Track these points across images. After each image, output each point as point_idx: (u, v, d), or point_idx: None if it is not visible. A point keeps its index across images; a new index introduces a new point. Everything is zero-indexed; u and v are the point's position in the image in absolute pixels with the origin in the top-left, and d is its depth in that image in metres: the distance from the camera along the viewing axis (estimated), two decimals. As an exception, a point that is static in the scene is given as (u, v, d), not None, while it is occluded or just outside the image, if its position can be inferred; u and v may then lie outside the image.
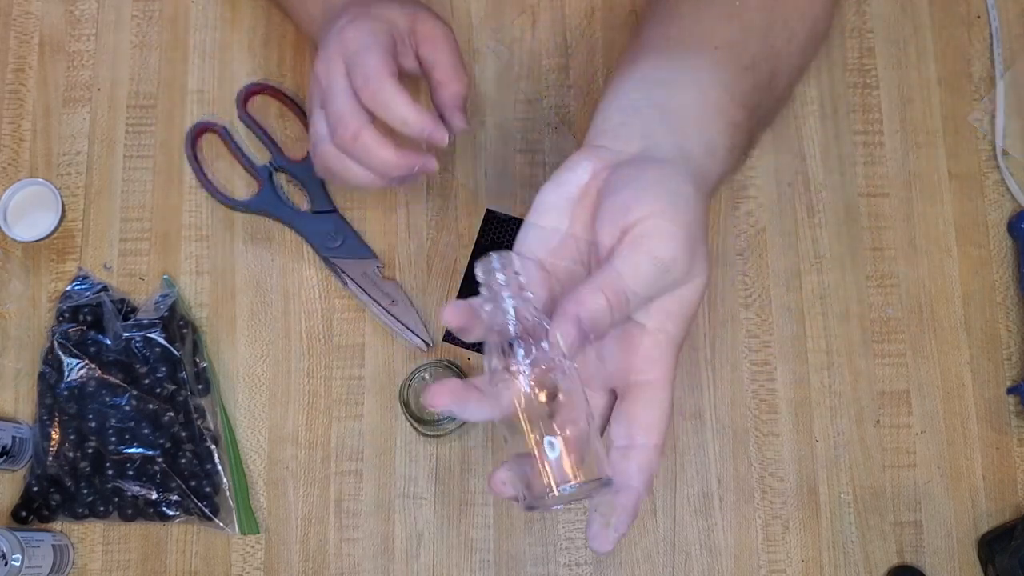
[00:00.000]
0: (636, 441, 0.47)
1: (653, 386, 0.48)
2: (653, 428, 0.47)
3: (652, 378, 0.48)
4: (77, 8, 0.83)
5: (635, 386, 0.48)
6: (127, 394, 0.73)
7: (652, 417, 0.47)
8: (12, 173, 0.80)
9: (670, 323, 0.47)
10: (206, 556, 0.73)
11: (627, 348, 0.48)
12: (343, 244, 0.76)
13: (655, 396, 0.48)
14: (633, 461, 0.47)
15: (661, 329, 0.47)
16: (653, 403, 0.48)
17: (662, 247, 0.45)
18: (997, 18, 0.83)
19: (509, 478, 0.47)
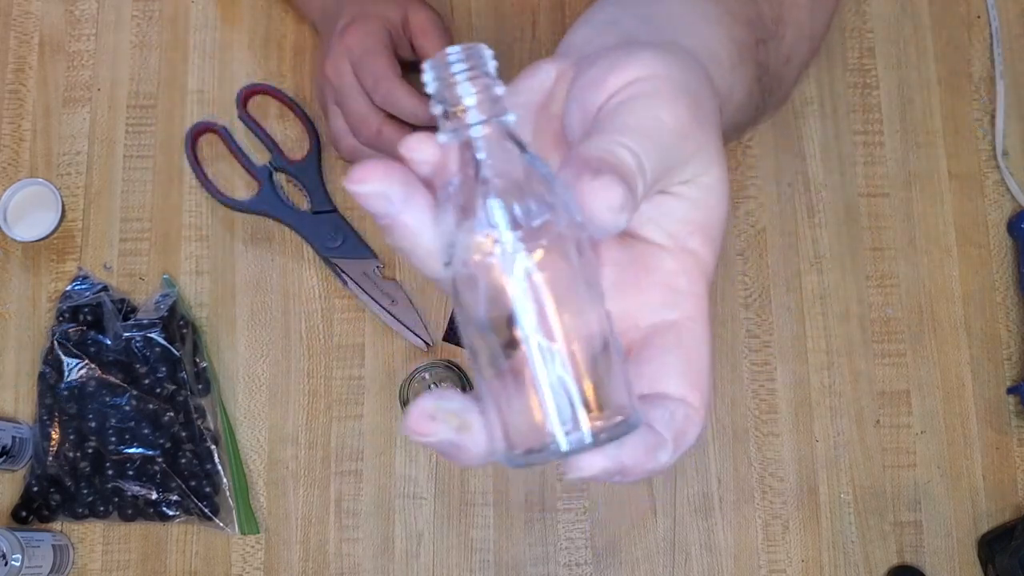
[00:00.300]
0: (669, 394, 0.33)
1: (686, 327, 0.34)
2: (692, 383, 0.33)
3: (683, 316, 0.34)
4: (77, 8, 0.83)
5: (660, 329, 0.34)
6: (127, 394, 0.73)
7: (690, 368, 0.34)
8: (12, 173, 0.80)
9: (695, 240, 0.35)
10: (206, 556, 0.73)
11: (641, 278, 0.35)
12: (343, 244, 0.76)
13: (691, 341, 0.34)
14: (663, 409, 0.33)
15: (683, 248, 0.35)
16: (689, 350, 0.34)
17: (662, 109, 0.33)
18: (997, 18, 0.83)
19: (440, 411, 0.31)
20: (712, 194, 0.35)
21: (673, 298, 0.34)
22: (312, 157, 0.78)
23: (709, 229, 0.35)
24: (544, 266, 0.29)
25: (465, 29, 0.82)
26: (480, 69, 0.30)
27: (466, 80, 0.30)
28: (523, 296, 0.29)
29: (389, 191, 0.31)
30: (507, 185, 0.30)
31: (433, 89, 0.31)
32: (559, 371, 0.29)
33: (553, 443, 0.29)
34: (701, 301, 0.34)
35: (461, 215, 0.30)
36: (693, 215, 0.34)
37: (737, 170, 0.79)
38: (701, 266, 0.35)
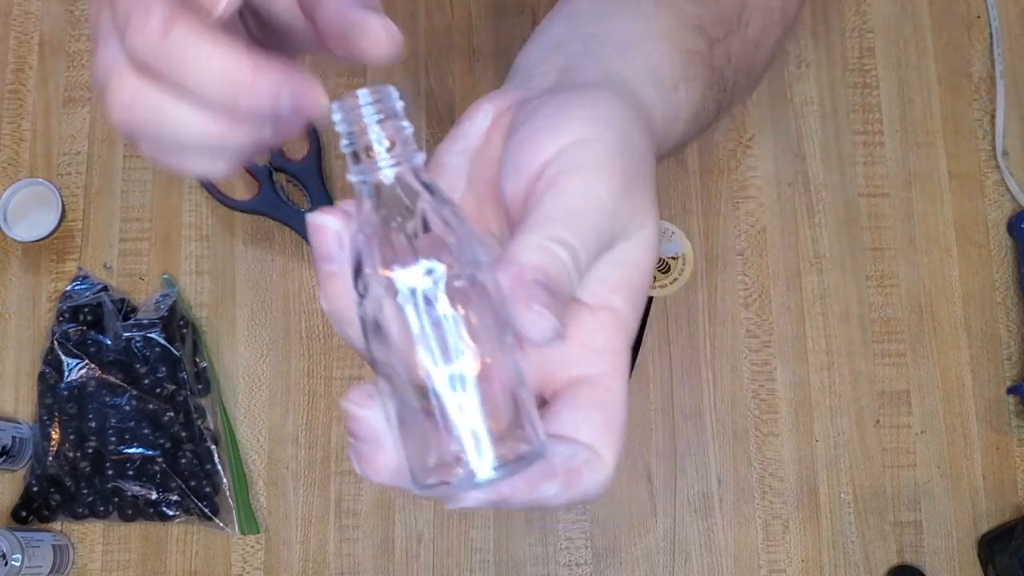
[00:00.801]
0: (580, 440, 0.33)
1: (601, 382, 0.34)
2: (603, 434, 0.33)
3: (599, 372, 0.34)
4: (77, 8, 0.83)
5: (576, 385, 0.34)
6: (127, 394, 0.73)
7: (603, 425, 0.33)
8: (12, 173, 0.80)
9: (616, 297, 0.34)
10: (206, 556, 0.73)
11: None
12: (343, 244, 0.76)
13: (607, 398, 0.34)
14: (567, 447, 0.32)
15: (604, 305, 0.34)
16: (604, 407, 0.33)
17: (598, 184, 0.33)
18: (997, 18, 0.83)
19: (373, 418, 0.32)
20: (639, 252, 0.35)
21: (590, 355, 0.34)
22: (312, 157, 0.78)
23: (632, 285, 0.35)
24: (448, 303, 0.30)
25: (465, 29, 0.82)
26: (389, 112, 0.31)
27: (376, 124, 0.31)
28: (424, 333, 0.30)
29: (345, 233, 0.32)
30: (415, 226, 0.31)
31: (342, 130, 0.32)
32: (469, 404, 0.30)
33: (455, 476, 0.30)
34: (617, 358, 0.34)
35: (369, 251, 0.31)
36: (617, 274, 0.34)
37: (737, 170, 0.79)
38: (621, 322, 0.35)
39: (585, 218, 0.33)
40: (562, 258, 0.32)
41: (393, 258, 0.30)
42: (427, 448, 0.30)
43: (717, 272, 0.78)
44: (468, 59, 0.81)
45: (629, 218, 0.34)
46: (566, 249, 0.32)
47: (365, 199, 0.31)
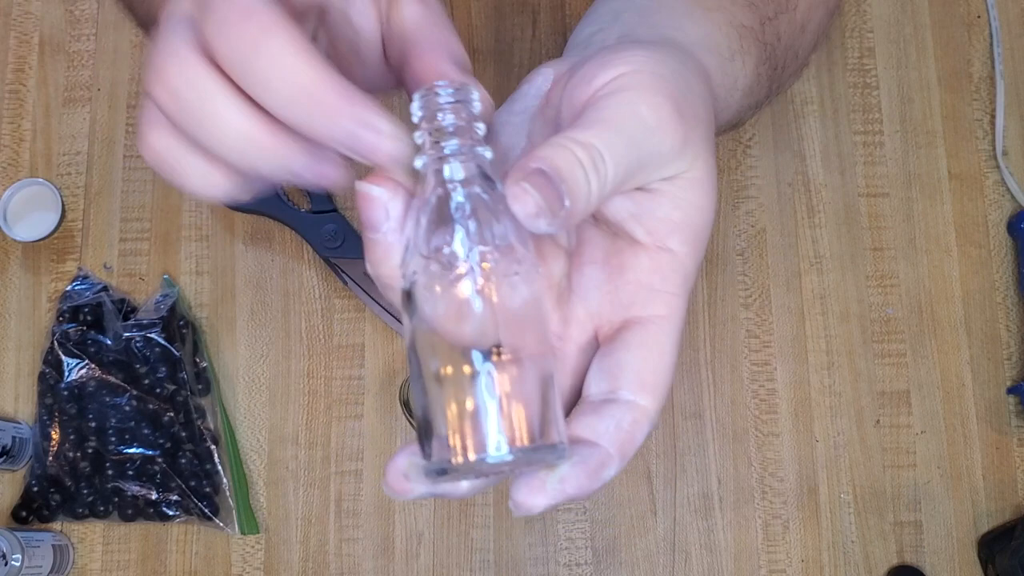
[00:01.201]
0: (620, 395, 0.34)
1: (653, 326, 0.34)
2: (646, 382, 0.34)
3: (652, 314, 0.34)
4: (77, 8, 0.83)
5: (628, 326, 0.35)
6: (127, 394, 0.73)
7: (647, 367, 0.34)
8: (12, 173, 0.80)
9: (674, 239, 0.34)
10: (206, 556, 0.73)
11: (617, 273, 0.35)
12: (343, 244, 0.76)
13: (654, 340, 0.34)
14: (609, 418, 0.33)
15: (662, 246, 0.34)
16: (651, 350, 0.34)
17: (641, 102, 0.33)
18: (997, 18, 0.83)
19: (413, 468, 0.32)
20: (695, 192, 0.34)
21: (645, 296, 0.34)
22: (312, 157, 0.78)
23: (690, 228, 0.35)
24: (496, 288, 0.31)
25: (465, 29, 0.82)
26: (466, 105, 0.32)
27: (451, 112, 0.32)
28: (471, 317, 0.31)
29: (391, 205, 0.33)
30: (473, 213, 0.31)
31: (418, 117, 0.32)
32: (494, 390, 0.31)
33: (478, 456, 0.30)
34: (674, 300, 0.34)
35: (429, 232, 0.32)
36: (673, 214, 0.34)
37: (737, 170, 0.79)
38: (678, 265, 0.35)
39: (616, 126, 0.32)
40: (577, 155, 0.31)
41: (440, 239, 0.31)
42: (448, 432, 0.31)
43: (717, 272, 0.78)
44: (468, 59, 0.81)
45: (678, 148, 0.33)
46: (584, 149, 0.31)
47: (428, 185, 0.32)
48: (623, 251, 0.35)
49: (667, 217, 0.34)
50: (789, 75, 0.54)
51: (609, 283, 0.35)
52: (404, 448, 0.33)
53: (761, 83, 0.48)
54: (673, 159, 0.34)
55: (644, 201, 0.34)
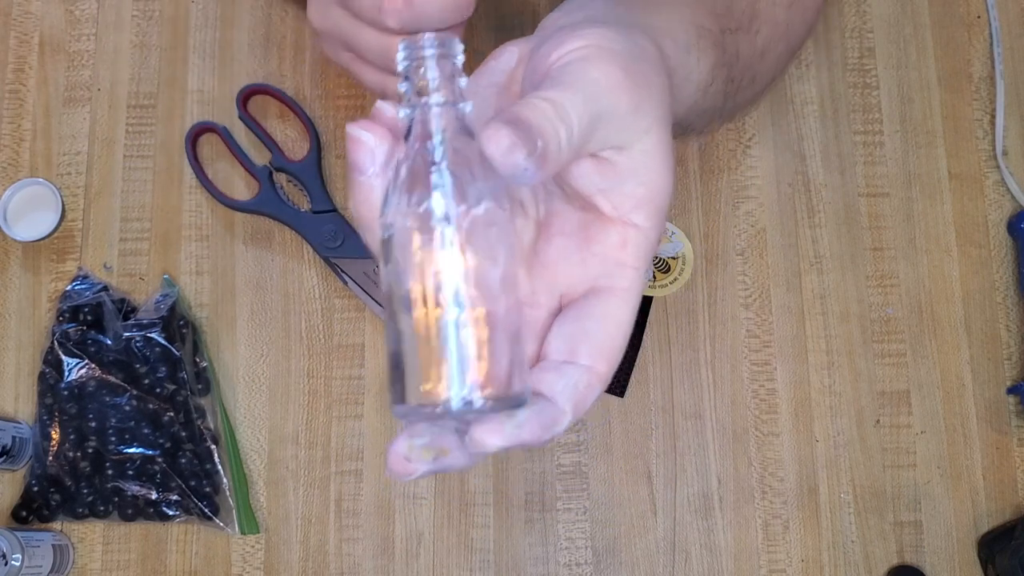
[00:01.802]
0: (578, 360, 0.37)
1: (612, 297, 0.37)
2: (604, 350, 0.36)
3: (615, 285, 0.37)
4: (77, 8, 0.83)
5: (591, 293, 0.38)
6: (127, 394, 0.73)
7: (603, 334, 0.37)
8: (12, 173, 0.80)
9: (639, 214, 0.37)
10: (206, 556, 0.73)
11: (586, 245, 0.38)
12: (343, 244, 0.76)
13: (612, 309, 0.37)
14: (566, 377, 0.36)
15: (627, 220, 0.37)
16: (608, 317, 0.37)
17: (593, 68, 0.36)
18: (997, 18, 0.83)
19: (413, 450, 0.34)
20: (653, 162, 0.37)
21: (611, 268, 0.37)
22: (312, 157, 0.78)
23: (654, 203, 0.37)
24: (470, 243, 0.32)
25: (465, 29, 0.82)
26: (450, 58, 0.34)
27: (434, 64, 0.33)
28: (447, 266, 0.32)
29: (378, 150, 0.35)
30: (453, 164, 0.33)
31: (403, 67, 0.34)
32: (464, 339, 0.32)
33: (445, 401, 0.32)
34: (635, 274, 0.37)
35: (409, 183, 0.33)
36: (638, 189, 0.37)
37: (737, 170, 0.80)
38: (643, 240, 0.37)
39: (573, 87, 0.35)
40: (544, 109, 0.33)
41: (419, 192, 0.32)
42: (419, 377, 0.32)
43: (717, 272, 0.78)
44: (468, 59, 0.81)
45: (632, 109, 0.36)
46: (549, 103, 0.34)
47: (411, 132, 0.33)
48: (591, 224, 0.38)
49: (632, 193, 0.37)
50: (745, 100, 0.57)
51: (578, 253, 0.38)
52: (402, 432, 0.34)
53: (716, 88, 0.50)
54: (628, 120, 0.36)
55: (611, 175, 0.37)
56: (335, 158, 0.79)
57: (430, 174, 0.32)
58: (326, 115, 0.80)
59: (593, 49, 0.36)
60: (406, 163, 0.33)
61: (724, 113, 0.54)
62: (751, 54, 0.55)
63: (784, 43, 0.59)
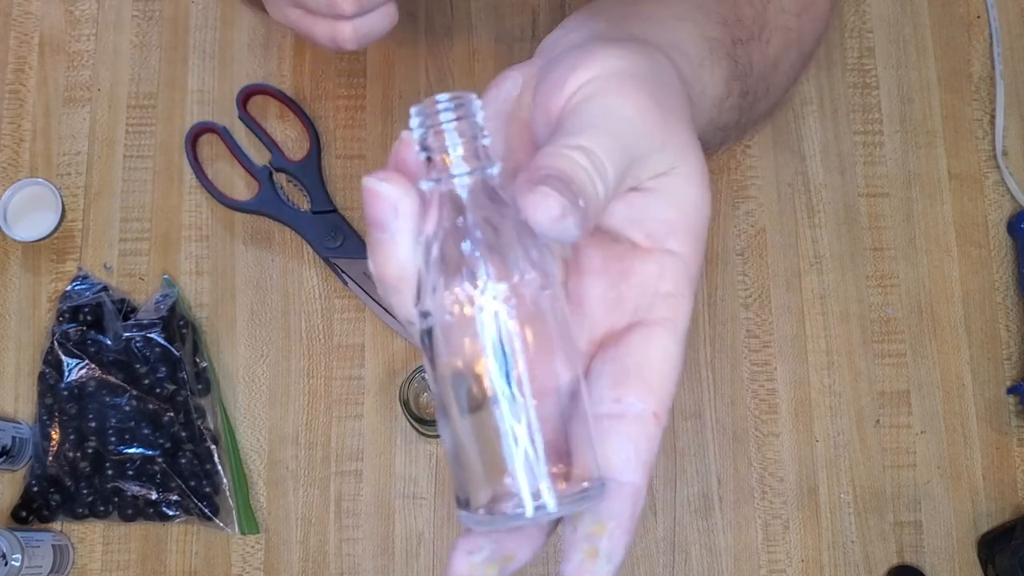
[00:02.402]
0: (628, 408, 0.32)
1: (656, 329, 0.33)
2: (653, 389, 0.32)
3: (657, 317, 0.33)
4: (77, 8, 0.83)
5: (632, 330, 0.34)
6: (127, 394, 0.73)
7: (653, 372, 0.33)
8: (12, 173, 0.80)
9: (674, 240, 0.34)
10: (206, 556, 0.73)
11: (620, 280, 0.34)
12: (343, 244, 0.76)
13: (659, 343, 0.33)
14: (626, 439, 0.32)
15: (663, 248, 0.34)
16: (655, 353, 0.33)
17: (623, 104, 0.32)
18: (997, 18, 0.83)
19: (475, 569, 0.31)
20: (688, 188, 0.34)
21: (650, 300, 0.34)
22: (312, 157, 0.78)
23: (688, 227, 0.34)
24: (521, 323, 0.29)
25: (465, 29, 0.82)
26: (468, 119, 0.30)
27: (453, 130, 0.30)
28: (498, 352, 0.29)
29: (401, 204, 0.31)
30: (488, 239, 0.29)
31: (419, 135, 0.31)
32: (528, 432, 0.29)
33: (518, 507, 0.29)
34: (679, 302, 0.34)
35: (441, 264, 0.30)
36: (670, 214, 0.34)
37: (737, 170, 0.80)
38: (681, 266, 0.34)
39: (605, 128, 0.32)
40: (578, 160, 0.30)
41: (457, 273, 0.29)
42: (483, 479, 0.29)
43: (717, 272, 0.78)
44: (468, 59, 0.81)
45: (661, 141, 0.33)
46: (583, 153, 0.31)
47: (436, 207, 0.30)
48: (623, 257, 0.34)
49: (665, 218, 0.34)
50: (759, 113, 0.55)
51: (612, 291, 0.34)
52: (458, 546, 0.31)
53: (731, 101, 0.48)
54: (660, 153, 0.33)
55: (640, 203, 0.33)
56: (335, 158, 0.79)
57: (466, 252, 0.29)
58: (326, 115, 0.80)
59: (616, 80, 0.33)
60: (436, 242, 0.30)
61: (739, 128, 0.53)
62: (764, 65, 0.53)
63: (796, 51, 0.57)
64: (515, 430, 0.28)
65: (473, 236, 0.29)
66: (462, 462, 0.30)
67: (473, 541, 0.31)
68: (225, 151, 0.79)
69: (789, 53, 0.57)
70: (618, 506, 0.31)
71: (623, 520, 0.31)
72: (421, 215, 0.31)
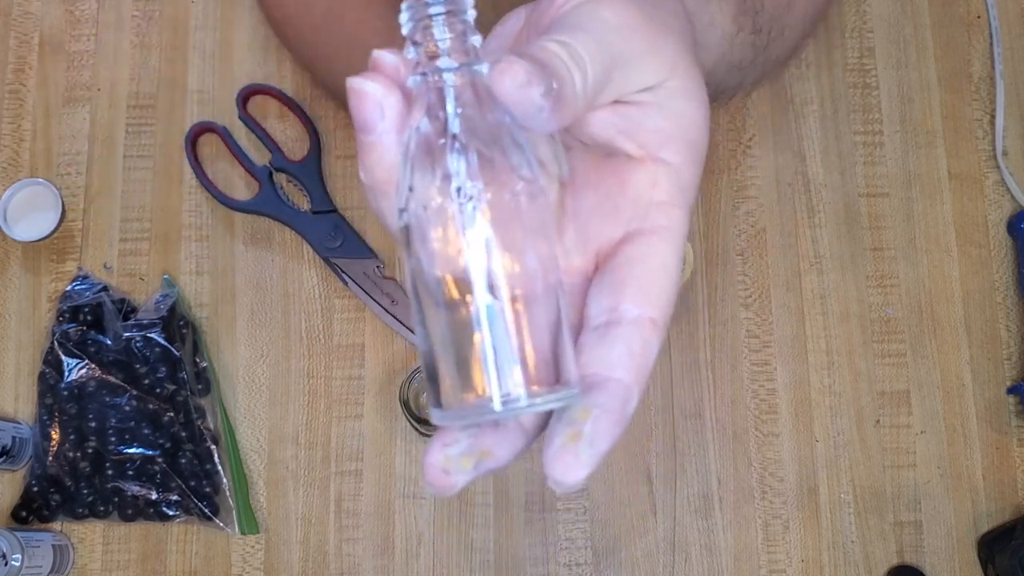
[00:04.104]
0: (624, 314, 0.32)
1: (651, 237, 0.33)
2: (649, 294, 0.32)
3: (649, 226, 0.33)
4: (77, 8, 0.83)
5: (626, 240, 0.33)
6: (127, 394, 0.73)
7: (648, 278, 0.32)
8: (12, 173, 0.80)
9: (668, 149, 0.33)
10: (206, 556, 0.73)
11: (615, 192, 0.34)
12: (343, 244, 0.76)
13: (653, 250, 0.33)
14: (618, 343, 0.31)
15: (656, 158, 0.33)
16: (650, 259, 0.33)
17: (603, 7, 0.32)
18: (997, 18, 0.83)
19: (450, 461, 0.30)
20: (681, 100, 0.33)
21: (644, 209, 0.33)
22: (312, 157, 0.78)
23: (683, 138, 0.34)
24: (501, 223, 0.29)
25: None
26: (459, 15, 0.30)
27: (443, 23, 0.30)
28: (476, 251, 0.29)
29: (386, 102, 0.31)
30: (473, 136, 0.29)
31: (408, 30, 0.30)
32: (503, 330, 0.28)
33: (488, 402, 0.28)
34: (673, 210, 0.33)
35: (424, 160, 0.29)
36: (663, 124, 0.33)
37: (737, 170, 0.80)
38: (674, 175, 0.34)
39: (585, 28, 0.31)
40: (556, 50, 0.30)
41: (436, 168, 0.29)
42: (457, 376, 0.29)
43: (717, 272, 0.78)
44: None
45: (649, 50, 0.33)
46: (560, 45, 0.31)
47: (422, 100, 0.30)
48: (618, 170, 0.34)
49: (658, 128, 0.33)
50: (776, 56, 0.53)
51: (607, 203, 0.34)
52: (434, 441, 0.31)
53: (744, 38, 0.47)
54: (646, 62, 0.33)
55: (632, 114, 0.33)
56: (335, 158, 0.79)
57: (447, 147, 0.29)
58: (326, 115, 0.80)
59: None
60: (418, 137, 0.29)
61: (756, 69, 0.51)
62: (776, 3, 0.52)
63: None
64: (487, 327, 0.28)
65: (452, 130, 0.29)
66: (437, 362, 0.29)
67: (450, 435, 0.31)
68: (225, 151, 0.79)
69: None
70: (605, 398, 0.30)
71: (610, 410, 0.30)
72: (406, 116, 0.31)
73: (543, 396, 0.29)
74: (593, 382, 0.31)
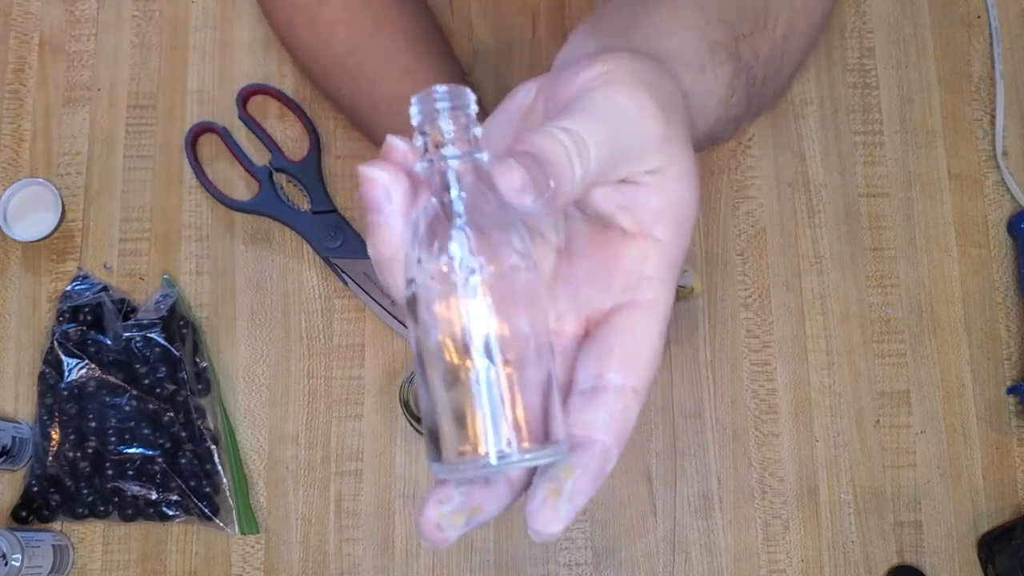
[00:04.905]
0: (609, 382, 0.35)
1: (638, 310, 0.36)
2: (633, 365, 0.35)
3: (637, 299, 0.36)
4: (77, 8, 0.83)
5: (615, 311, 0.36)
6: (127, 394, 0.73)
7: (633, 350, 0.35)
8: (12, 173, 0.80)
9: (659, 227, 0.36)
10: (206, 556, 0.73)
11: (609, 264, 0.37)
12: (343, 244, 0.76)
13: (640, 323, 0.36)
14: (602, 408, 0.35)
15: (647, 235, 0.36)
16: (636, 332, 0.36)
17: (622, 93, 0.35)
18: (997, 18, 0.83)
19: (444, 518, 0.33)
20: (678, 182, 0.36)
21: (634, 283, 0.36)
22: (312, 157, 0.78)
23: (675, 217, 0.36)
24: (498, 293, 0.32)
25: (465, 30, 0.82)
26: (463, 109, 0.33)
27: (448, 116, 0.33)
28: (475, 319, 0.32)
29: (393, 187, 0.34)
30: (474, 218, 0.32)
31: (417, 121, 0.34)
32: (498, 392, 0.32)
33: (484, 457, 0.31)
34: (660, 285, 0.36)
35: (431, 236, 0.32)
36: (659, 204, 0.36)
37: (737, 170, 0.80)
38: (663, 251, 0.36)
39: (596, 114, 0.34)
40: (560, 139, 0.33)
41: (440, 245, 0.32)
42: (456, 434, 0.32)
43: (717, 272, 0.78)
44: (468, 60, 0.81)
45: (660, 138, 0.35)
46: (567, 134, 0.33)
47: (429, 187, 0.33)
48: (612, 242, 0.37)
49: (653, 208, 0.36)
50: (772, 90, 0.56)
51: (600, 274, 0.37)
52: (430, 496, 0.33)
53: (738, 96, 0.50)
54: (655, 149, 0.35)
55: (632, 192, 0.36)
56: (335, 158, 0.79)
57: (450, 226, 0.32)
58: (326, 115, 0.80)
59: (625, 74, 0.35)
60: (426, 216, 0.33)
61: (751, 112, 0.54)
62: (771, 49, 0.54)
63: (806, 22, 0.57)
64: (483, 388, 0.32)
65: (456, 211, 0.32)
66: (438, 420, 0.33)
67: (445, 492, 0.33)
68: (225, 151, 0.79)
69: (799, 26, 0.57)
70: (587, 458, 0.33)
71: (590, 470, 0.33)
72: (412, 200, 0.34)
73: (533, 452, 0.32)
74: (578, 442, 0.34)
